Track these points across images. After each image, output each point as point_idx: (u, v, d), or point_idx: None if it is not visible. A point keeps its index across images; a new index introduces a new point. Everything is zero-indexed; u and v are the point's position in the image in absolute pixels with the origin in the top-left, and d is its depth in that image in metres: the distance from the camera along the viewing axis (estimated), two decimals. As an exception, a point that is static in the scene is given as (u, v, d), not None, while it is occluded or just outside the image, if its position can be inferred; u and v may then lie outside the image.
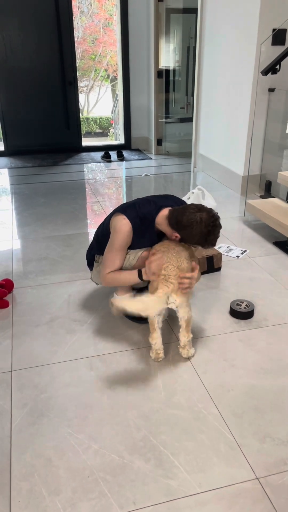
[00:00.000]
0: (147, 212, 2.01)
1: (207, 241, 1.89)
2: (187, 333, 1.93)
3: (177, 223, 1.90)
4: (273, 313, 2.28)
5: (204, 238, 1.88)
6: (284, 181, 3.21)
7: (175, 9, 5.40)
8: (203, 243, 1.90)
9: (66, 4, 5.33)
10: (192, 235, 1.88)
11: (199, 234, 1.86)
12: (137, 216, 1.99)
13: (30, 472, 1.43)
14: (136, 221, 1.98)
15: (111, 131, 12.94)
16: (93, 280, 2.30)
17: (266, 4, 3.43)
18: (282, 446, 1.51)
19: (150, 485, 1.39)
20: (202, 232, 1.86)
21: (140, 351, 2.00)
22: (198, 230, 1.85)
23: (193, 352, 1.98)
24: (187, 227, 1.87)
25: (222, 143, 4.41)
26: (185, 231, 1.89)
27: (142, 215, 2.00)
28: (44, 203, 4.01)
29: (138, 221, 1.99)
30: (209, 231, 1.86)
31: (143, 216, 2.00)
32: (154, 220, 2.01)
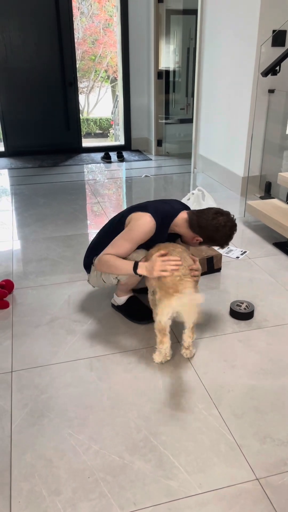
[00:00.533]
0: (166, 213, 2.02)
1: (227, 242, 2.02)
2: (192, 334, 1.93)
3: (201, 227, 1.98)
4: (273, 314, 2.28)
5: (225, 240, 2.00)
6: (284, 182, 3.22)
7: (175, 10, 5.40)
8: (223, 244, 2.02)
9: (66, 5, 5.34)
10: (217, 239, 1.99)
11: (224, 237, 1.98)
12: (159, 215, 2.00)
13: (30, 473, 1.43)
14: (159, 221, 1.99)
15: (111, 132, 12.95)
16: (90, 283, 2.29)
17: (266, 5, 3.43)
18: (282, 447, 1.52)
19: (150, 485, 1.39)
20: (226, 234, 1.97)
21: (141, 352, 2.00)
22: (223, 233, 1.97)
23: (195, 352, 1.98)
24: (212, 231, 1.97)
25: (222, 144, 4.42)
26: (210, 235, 1.99)
27: (162, 215, 2.01)
28: (44, 203, 4.01)
29: (160, 221, 2.00)
30: (230, 235, 1.99)
31: (164, 216, 2.01)
32: (172, 222, 2.04)
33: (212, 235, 1.98)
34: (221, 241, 2.00)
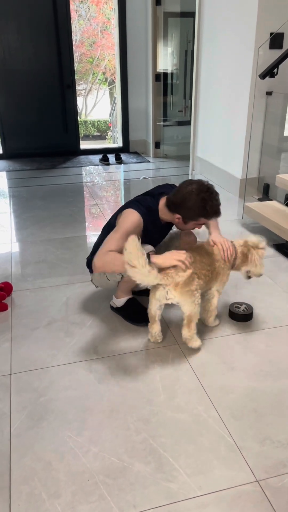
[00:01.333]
0: (148, 203, 2.06)
1: (207, 209, 1.90)
2: (187, 329, 1.97)
3: (173, 203, 1.95)
4: (272, 316, 2.29)
5: (202, 208, 1.89)
6: (282, 184, 3.22)
7: (173, 13, 5.42)
8: (204, 213, 1.91)
9: (64, 8, 5.35)
10: (189, 209, 1.91)
11: (196, 205, 1.88)
12: (143, 207, 2.03)
13: (30, 476, 1.43)
14: (144, 211, 2.01)
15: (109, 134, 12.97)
16: (93, 282, 2.29)
17: (264, 8, 3.45)
18: (281, 449, 1.52)
19: (150, 488, 1.39)
20: (197, 202, 1.87)
21: (140, 354, 2.00)
22: (193, 202, 1.88)
23: (196, 344, 2.01)
24: (182, 203, 1.91)
25: (220, 146, 4.43)
26: (182, 208, 1.93)
27: (147, 206, 2.04)
28: (42, 206, 4.01)
29: (146, 211, 2.02)
30: (204, 198, 1.87)
31: (148, 206, 2.04)
32: (158, 210, 2.06)
33: (184, 207, 1.91)
34: (196, 211, 1.90)
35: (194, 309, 1.92)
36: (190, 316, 1.93)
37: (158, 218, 2.07)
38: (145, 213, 2.01)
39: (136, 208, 2.01)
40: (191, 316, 1.94)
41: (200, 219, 1.97)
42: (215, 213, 1.94)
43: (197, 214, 1.94)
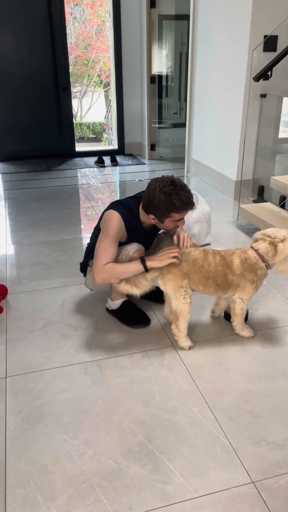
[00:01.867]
0: (130, 205, 2.06)
1: (175, 203, 1.86)
2: (174, 325, 2.00)
3: (144, 205, 1.97)
4: (267, 317, 2.29)
5: (169, 203, 1.86)
6: (277, 186, 3.24)
7: (168, 16, 5.44)
8: (173, 208, 1.87)
9: (59, 10, 5.36)
10: (157, 207, 1.89)
11: (162, 201, 1.86)
12: (124, 207, 2.03)
13: (25, 479, 1.42)
14: (125, 212, 2.02)
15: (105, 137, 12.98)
16: (87, 285, 2.29)
17: (258, 11, 3.47)
18: (277, 450, 1.52)
19: (146, 490, 1.39)
20: (162, 198, 1.85)
21: (135, 356, 2.00)
22: (158, 199, 1.86)
23: (185, 345, 2.02)
24: (150, 203, 1.91)
25: (215, 148, 4.44)
26: (152, 208, 1.92)
27: (127, 206, 2.05)
28: (37, 208, 4.01)
29: (126, 212, 2.02)
30: (167, 192, 1.85)
31: (128, 207, 2.05)
32: (139, 213, 2.07)
33: (153, 205, 1.90)
34: (164, 206, 1.87)
35: (180, 305, 1.95)
36: (175, 312, 1.98)
37: (140, 221, 2.07)
38: (125, 213, 2.01)
39: (116, 209, 2.01)
40: (177, 313, 1.98)
41: (172, 214, 1.92)
42: (184, 205, 1.88)
43: (166, 210, 1.90)
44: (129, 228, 2.04)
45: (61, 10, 5.36)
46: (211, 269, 1.94)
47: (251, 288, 2.00)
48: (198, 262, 1.95)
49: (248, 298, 2.04)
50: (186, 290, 1.95)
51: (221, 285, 1.97)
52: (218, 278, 1.95)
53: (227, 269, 1.95)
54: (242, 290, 2.00)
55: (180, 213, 1.92)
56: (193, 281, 1.96)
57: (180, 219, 1.97)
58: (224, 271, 1.95)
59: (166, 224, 1.99)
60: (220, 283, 1.96)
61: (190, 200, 1.91)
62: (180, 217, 1.96)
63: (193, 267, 1.94)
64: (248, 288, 2.00)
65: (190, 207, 1.92)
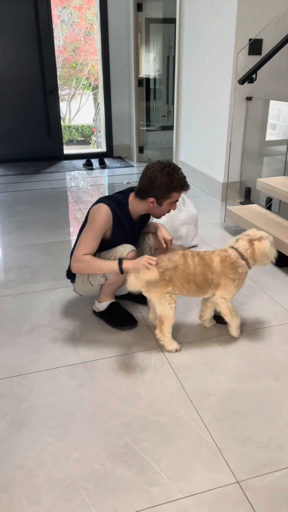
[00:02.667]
0: (117, 197, 2.10)
1: (175, 183, 1.98)
2: (158, 329, 2.01)
3: (142, 189, 2.03)
4: (253, 318, 2.31)
5: (170, 182, 1.98)
6: (263, 188, 3.27)
7: (155, 19, 5.47)
8: (174, 187, 2.00)
9: (46, 13, 5.35)
10: (159, 188, 1.98)
11: (164, 181, 1.97)
12: (112, 201, 2.06)
13: (10, 483, 1.41)
14: (113, 205, 2.04)
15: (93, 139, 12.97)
16: (77, 291, 2.28)
17: (243, 14, 3.50)
18: (262, 449, 1.53)
19: (131, 492, 1.38)
20: (163, 178, 1.96)
21: (122, 358, 1.99)
22: (159, 179, 1.97)
23: (170, 348, 2.03)
24: (150, 184, 1.99)
25: (202, 151, 4.47)
26: (152, 189, 2.00)
27: (115, 200, 2.08)
28: (25, 211, 3.99)
29: (114, 205, 2.05)
30: (169, 172, 1.97)
31: (117, 200, 2.08)
32: (127, 205, 2.09)
33: (154, 187, 1.98)
34: (166, 187, 1.98)
35: (165, 310, 1.97)
36: (160, 317, 1.99)
37: (128, 212, 2.10)
38: (114, 206, 2.04)
39: (104, 202, 2.05)
40: (162, 317, 1.99)
41: (172, 194, 2.02)
42: (183, 185, 2.01)
43: (167, 190, 2.00)
44: (117, 220, 2.06)
45: (48, 13, 5.36)
46: (191, 271, 1.96)
47: (232, 287, 2.01)
48: (179, 268, 1.95)
49: (230, 297, 2.05)
50: (171, 296, 1.96)
51: (201, 285, 1.99)
52: (198, 278, 1.97)
53: (206, 268, 1.97)
54: (223, 289, 2.01)
55: (178, 193, 2.03)
56: (176, 286, 1.97)
57: (177, 200, 2.07)
58: (203, 271, 1.97)
59: (163, 207, 2.06)
60: (201, 283, 1.98)
61: (186, 181, 2.04)
62: (177, 198, 2.06)
63: (174, 273, 1.95)
64: (230, 287, 2.01)
65: (187, 187, 2.05)
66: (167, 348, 2.03)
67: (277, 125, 3.90)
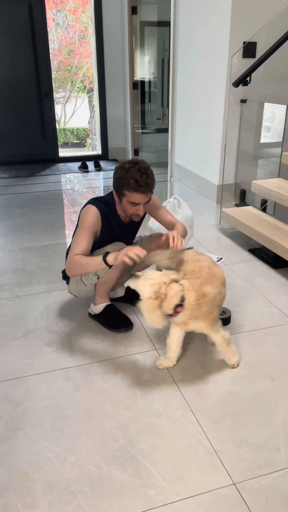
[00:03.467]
0: (106, 199, 2.13)
1: (125, 181, 1.91)
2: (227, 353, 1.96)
3: (114, 185, 2.03)
4: (248, 319, 2.31)
5: (123, 177, 1.93)
6: (258, 190, 3.28)
7: (149, 22, 5.49)
8: (126, 184, 1.92)
9: (40, 16, 5.36)
10: (116, 182, 1.99)
11: (118, 176, 1.96)
12: (100, 202, 2.09)
13: (5, 487, 1.40)
14: (101, 206, 2.07)
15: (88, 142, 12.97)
16: (71, 292, 2.27)
17: (237, 18, 3.52)
18: (258, 451, 1.53)
19: (127, 495, 1.38)
20: (119, 173, 1.95)
21: (118, 361, 1.99)
22: (117, 174, 1.96)
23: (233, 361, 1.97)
24: (113, 178, 2.01)
25: (198, 153, 4.48)
26: (113, 182, 2.02)
27: (104, 201, 2.11)
28: (20, 213, 3.98)
29: (103, 205, 2.08)
30: (125, 168, 1.93)
31: (105, 201, 2.11)
32: (115, 204, 2.11)
33: (114, 180, 1.99)
34: (120, 180, 1.94)
35: (225, 335, 1.91)
36: (224, 341, 1.93)
37: (116, 212, 2.12)
38: (101, 207, 2.07)
39: (92, 203, 2.07)
40: (227, 340, 1.93)
41: (124, 191, 1.96)
42: (137, 185, 1.90)
43: (121, 186, 1.96)
44: (105, 220, 2.08)
45: (42, 16, 5.37)
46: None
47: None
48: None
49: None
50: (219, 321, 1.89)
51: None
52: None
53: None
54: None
55: (131, 193, 1.95)
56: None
57: (135, 203, 1.98)
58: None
59: (124, 205, 2.04)
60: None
61: (147, 183, 1.93)
62: (134, 200, 1.97)
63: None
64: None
65: (143, 190, 1.94)
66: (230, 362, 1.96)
67: (271, 127, 3.92)
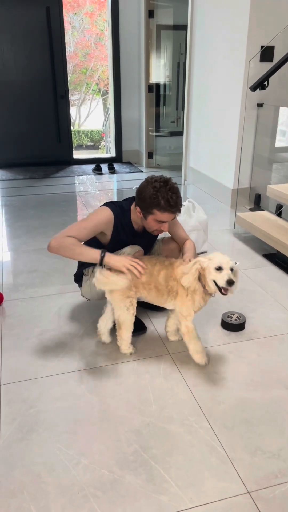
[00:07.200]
0: (122, 204, 2.10)
1: (160, 199, 1.88)
2: (118, 333, 2.02)
3: (136, 196, 2.00)
4: (263, 325, 2.29)
5: (154, 197, 1.89)
6: (273, 194, 3.25)
7: (166, 26, 5.49)
8: (157, 203, 1.89)
9: (57, 19, 5.40)
10: (144, 199, 1.93)
11: (148, 194, 1.90)
12: (116, 206, 2.06)
13: (18, 489, 1.41)
14: (117, 210, 2.05)
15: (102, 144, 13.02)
16: (84, 295, 2.28)
17: (255, 21, 3.51)
18: (273, 459, 1.51)
19: (141, 500, 1.37)
20: (149, 191, 1.90)
21: (131, 364, 1.99)
22: (146, 191, 1.92)
23: (126, 352, 2.03)
24: (139, 193, 1.96)
25: (212, 157, 4.47)
26: (139, 199, 1.97)
27: (119, 205, 2.08)
28: (34, 215, 4.00)
29: (118, 210, 2.05)
30: (156, 187, 1.89)
31: (120, 206, 2.08)
32: (129, 212, 2.08)
33: (140, 195, 1.95)
34: (150, 199, 1.90)
35: (122, 315, 1.96)
36: (118, 321, 1.99)
37: (130, 220, 2.09)
38: (117, 211, 2.04)
39: (108, 206, 2.05)
40: (119, 322, 1.98)
41: (153, 210, 1.93)
42: (169, 205, 1.89)
43: (150, 205, 1.92)
44: (118, 226, 2.05)
45: (60, 19, 5.41)
46: (155, 273, 1.91)
47: (186, 300, 1.89)
48: (149, 267, 1.93)
49: (188, 313, 1.90)
50: (131, 301, 1.94)
51: (161, 290, 1.92)
52: (160, 282, 1.91)
53: (169, 273, 1.90)
54: (180, 300, 1.90)
55: (162, 213, 1.93)
56: (138, 288, 1.94)
57: (163, 221, 1.96)
58: (167, 275, 1.90)
59: (149, 222, 2.00)
60: (161, 287, 1.91)
61: (177, 203, 1.92)
62: (162, 218, 1.95)
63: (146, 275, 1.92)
64: (183, 299, 1.89)
65: (174, 210, 1.93)
66: (122, 351, 2.04)
67: (287, 131, 3.89)
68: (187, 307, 1.90)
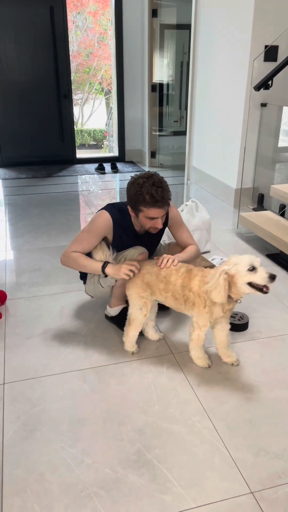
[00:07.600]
0: (122, 206, 2.08)
1: (141, 197, 1.85)
2: (125, 329, 2.05)
3: (126, 197, 1.99)
4: (266, 326, 2.29)
5: (139, 194, 1.86)
6: (277, 194, 3.25)
7: (169, 25, 5.49)
8: (142, 200, 1.86)
9: (61, 18, 5.40)
10: (131, 198, 1.92)
11: (133, 191, 1.88)
12: (114, 208, 2.06)
13: (22, 488, 1.41)
14: (116, 213, 2.04)
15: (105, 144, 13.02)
16: (87, 293, 2.29)
17: (259, 21, 3.50)
18: (276, 460, 1.51)
19: (144, 500, 1.37)
20: (134, 188, 1.88)
21: (134, 363, 1.99)
22: (131, 189, 1.91)
23: (129, 350, 2.05)
24: (127, 194, 1.95)
25: (215, 156, 4.46)
26: (128, 199, 1.96)
27: (119, 208, 2.07)
28: (37, 214, 4.01)
29: (117, 213, 2.05)
30: (139, 183, 1.87)
31: (120, 208, 2.07)
32: (128, 212, 2.07)
33: (128, 195, 1.93)
34: (135, 196, 1.87)
35: (134, 313, 1.98)
36: (129, 317, 2.01)
37: (130, 221, 2.08)
38: (116, 214, 2.04)
39: (107, 209, 2.05)
40: (130, 318, 2.01)
41: (140, 207, 1.89)
42: (154, 200, 1.84)
43: (136, 202, 1.89)
44: (119, 229, 2.05)
45: (63, 19, 5.41)
46: (172, 281, 1.88)
47: (203, 311, 1.84)
48: (161, 273, 1.91)
49: (203, 324, 1.87)
50: (145, 302, 1.95)
51: (178, 299, 1.89)
52: (176, 291, 1.88)
53: (186, 283, 1.86)
54: (197, 311, 1.86)
55: (148, 209, 1.89)
56: (154, 292, 1.95)
57: (153, 217, 1.93)
58: (184, 284, 1.86)
59: (141, 220, 1.97)
60: (178, 296, 1.89)
61: (163, 197, 1.87)
62: (151, 214, 1.91)
63: (154, 278, 1.92)
64: (201, 311, 1.84)
65: (160, 204, 1.87)
66: (125, 347, 2.06)
67: (291, 131, 3.88)
68: (204, 319, 1.86)
